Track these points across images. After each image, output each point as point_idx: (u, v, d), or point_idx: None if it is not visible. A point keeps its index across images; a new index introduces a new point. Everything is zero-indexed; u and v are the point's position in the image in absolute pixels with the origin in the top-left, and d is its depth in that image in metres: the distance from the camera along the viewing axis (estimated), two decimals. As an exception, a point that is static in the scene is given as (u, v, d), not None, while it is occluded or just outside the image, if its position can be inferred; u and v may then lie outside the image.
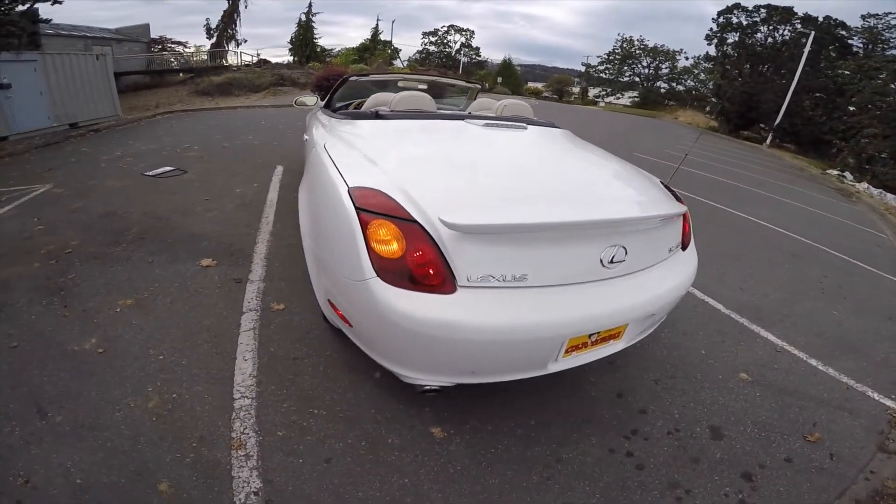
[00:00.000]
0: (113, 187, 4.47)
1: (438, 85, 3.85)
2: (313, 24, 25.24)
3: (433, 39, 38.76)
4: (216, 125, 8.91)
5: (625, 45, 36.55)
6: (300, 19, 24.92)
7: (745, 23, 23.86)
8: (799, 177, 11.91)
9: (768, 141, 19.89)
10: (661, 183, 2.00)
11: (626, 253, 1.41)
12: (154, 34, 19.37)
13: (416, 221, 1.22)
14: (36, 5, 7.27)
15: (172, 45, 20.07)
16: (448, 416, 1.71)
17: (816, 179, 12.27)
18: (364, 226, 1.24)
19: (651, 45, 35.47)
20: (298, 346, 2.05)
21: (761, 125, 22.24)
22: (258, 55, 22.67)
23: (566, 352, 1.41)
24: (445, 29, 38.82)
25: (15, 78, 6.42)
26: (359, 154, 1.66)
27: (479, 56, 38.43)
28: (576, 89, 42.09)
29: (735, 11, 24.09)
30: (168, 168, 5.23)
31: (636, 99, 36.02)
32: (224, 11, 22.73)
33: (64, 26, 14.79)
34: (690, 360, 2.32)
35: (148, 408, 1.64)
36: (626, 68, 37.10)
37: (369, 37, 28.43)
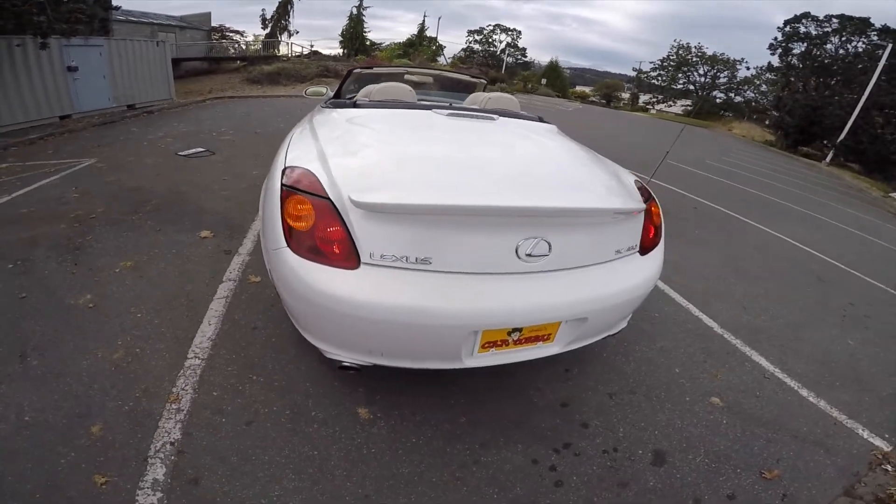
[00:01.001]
0: (147, 164, 4.88)
1: (446, 79, 3.88)
2: (364, 17, 25.97)
3: (478, 38, 38.73)
4: (256, 112, 9.43)
5: (680, 52, 35.19)
6: (351, 13, 25.71)
7: (814, 33, 22.21)
8: (855, 197, 10.88)
9: (828, 158, 18.29)
10: (637, 182, 1.85)
11: (550, 248, 1.35)
12: (215, 23, 20.62)
13: (328, 198, 1.27)
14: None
15: (230, 34, 21.32)
16: (380, 398, 1.75)
17: (876, 202, 11.13)
18: (283, 200, 1.33)
19: (710, 52, 33.86)
20: (260, 317, 2.17)
21: (824, 141, 20.50)
22: (312, 46, 23.65)
23: (483, 346, 1.40)
24: (491, 28, 38.68)
25: (82, 61, 7.11)
26: (313, 137, 1.73)
27: (525, 56, 37.96)
28: (625, 95, 40.76)
29: (804, 21, 22.49)
30: (199, 149, 5.63)
31: (689, 108, 34.30)
32: (279, 2, 23.81)
33: (134, 13, 16.09)
34: (659, 377, 2.19)
35: (112, 359, 1.82)
36: (680, 75, 35.66)
37: (415, 32, 29.02)
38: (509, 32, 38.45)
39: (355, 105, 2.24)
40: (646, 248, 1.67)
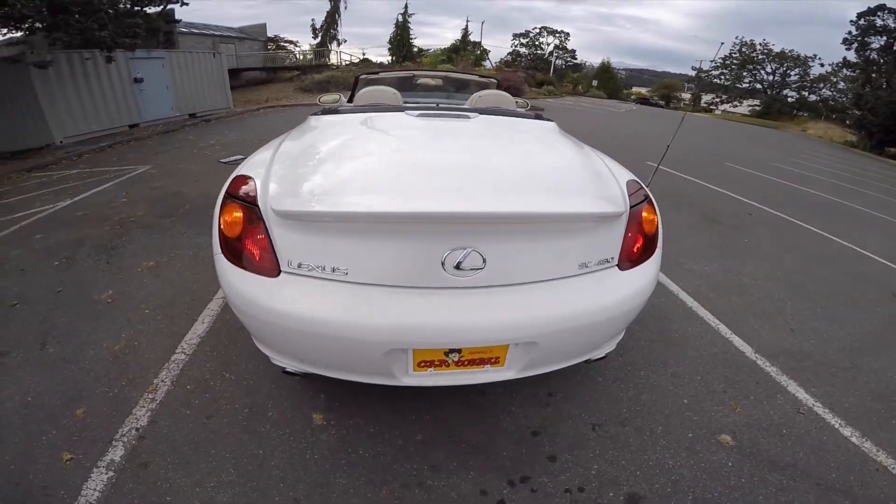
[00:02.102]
0: (191, 170, 5.39)
1: (455, 80, 3.88)
2: (409, 24, 26.64)
3: (524, 41, 38.38)
4: (301, 119, 10.00)
5: (744, 50, 32.83)
6: (397, 20, 26.49)
7: (893, 26, 20.06)
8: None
9: (923, 159, 16.12)
10: (632, 183, 1.60)
11: (484, 260, 1.23)
12: (270, 33, 22.16)
13: (256, 206, 1.30)
14: (170, 6, 8.80)
15: (284, 44, 22.77)
16: (339, 406, 1.80)
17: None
18: (221, 207, 1.37)
19: (777, 49, 31.37)
20: (246, 320, 2.35)
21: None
22: (363, 54, 24.72)
23: (418, 366, 1.37)
24: (537, 30, 38.17)
25: (146, 73, 7.99)
26: (276, 145, 1.75)
27: (575, 59, 36.92)
28: (686, 95, 38.35)
29: (880, 14, 20.53)
30: (240, 156, 5.98)
31: (757, 107, 31.63)
32: (327, 11, 25.10)
33: (197, 25, 17.66)
34: (661, 408, 1.91)
35: (113, 350, 2.06)
36: (745, 74, 33.20)
37: (459, 38, 29.30)
38: (557, 35, 37.90)
39: (336, 111, 2.21)
40: (630, 261, 1.45)
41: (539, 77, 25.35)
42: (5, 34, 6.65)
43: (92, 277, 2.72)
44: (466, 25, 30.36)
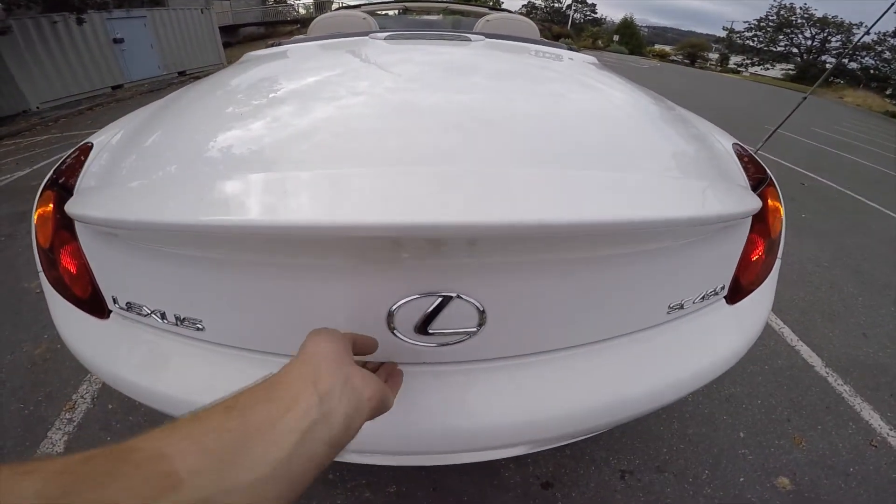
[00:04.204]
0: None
1: (458, 11, 3.13)
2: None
3: (541, -7, 35.76)
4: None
5: (782, 13, 30.84)
6: (409, -30, 24.66)
7: None
8: None
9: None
10: (740, 150, 0.94)
11: (482, 317, 0.62)
12: (268, -14, 20.85)
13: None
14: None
15: (284, -2, 21.54)
16: None
17: None
18: (38, 198, 0.81)
19: (819, 14, 29.45)
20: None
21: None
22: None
23: None
24: (555, -18, 35.45)
25: (127, 33, 7.44)
26: (159, 103, 1.16)
27: (595, 13, 34.49)
28: (713, 55, 36.24)
29: None
30: None
31: (791, 72, 29.90)
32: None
33: None
34: (710, 445, 1.52)
35: (33, 354, 1.76)
36: (781, 37, 31.36)
37: (474, -12, 27.23)
38: (576, -13, 35.07)
39: (279, 45, 1.58)
40: (743, 286, 0.83)
41: (556, 30, 23.75)
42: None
43: (27, 260, 2.42)
44: (480, -25, 28.21)
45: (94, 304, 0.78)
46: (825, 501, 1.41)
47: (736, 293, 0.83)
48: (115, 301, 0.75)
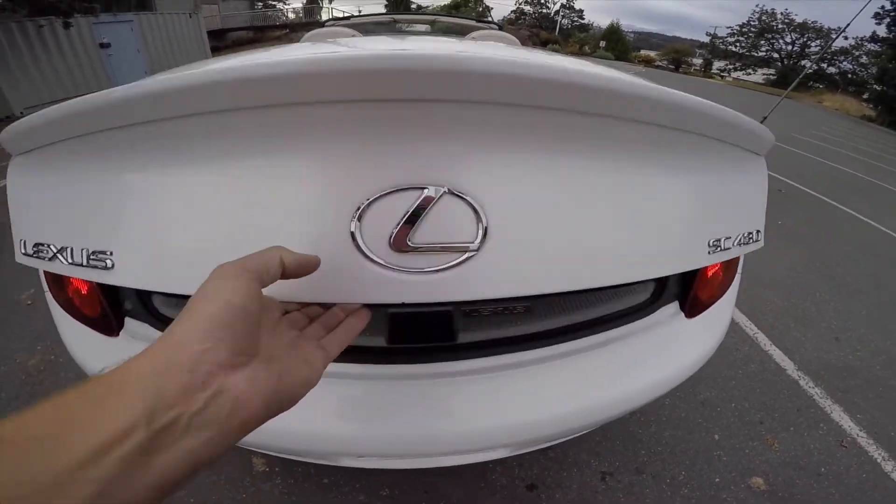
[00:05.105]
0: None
1: (446, 25, 3.22)
2: (409, -21, 24.97)
3: (529, -1, 36.32)
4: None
5: (764, 18, 32.07)
6: (396, -26, 24.80)
7: None
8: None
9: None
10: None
11: (485, 227, 0.48)
12: (257, -9, 20.78)
13: None
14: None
15: (273, 2, 21.42)
16: None
17: None
18: None
19: (799, 20, 30.91)
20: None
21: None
22: (360, 11, 23.24)
23: None
24: (543, -12, 36.01)
25: (114, 38, 7.38)
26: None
27: (582, 19, 35.05)
28: (696, 61, 37.10)
29: None
30: None
31: (772, 77, 30.86)
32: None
33: None
34: (687, 447, 1.61)
35: (27, 365, 1.78)
36: (762, 42, 32.54)
37: (460, -7, 27.50)
38: (564, -7, 35.63)
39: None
40: (702, 298, 0.83)
41: (544, 36, 24.07)
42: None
43: (14, 272, 2.41)
44: (468, -21, 28.47)
45: (103, 322, 0.78)
46: (798, 500, 1.48)
47: (689, 311, 0.85)
48: (23, 245, 0.66)
